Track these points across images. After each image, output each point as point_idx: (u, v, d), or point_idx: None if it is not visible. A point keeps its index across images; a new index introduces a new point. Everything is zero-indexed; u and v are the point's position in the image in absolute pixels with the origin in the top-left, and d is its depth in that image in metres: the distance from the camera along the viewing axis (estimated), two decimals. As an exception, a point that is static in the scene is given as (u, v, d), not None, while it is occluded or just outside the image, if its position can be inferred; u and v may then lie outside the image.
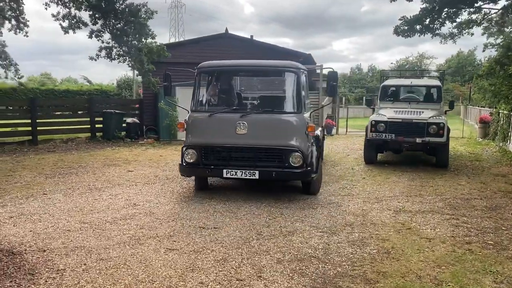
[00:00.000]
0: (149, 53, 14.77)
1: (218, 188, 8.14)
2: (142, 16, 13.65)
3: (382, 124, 10.50)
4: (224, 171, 6.92)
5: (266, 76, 8.87)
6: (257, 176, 6.86)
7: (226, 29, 17.43)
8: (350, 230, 5.73)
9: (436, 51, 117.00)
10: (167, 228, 5.72)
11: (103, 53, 14.83)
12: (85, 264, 4.50)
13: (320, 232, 5.63)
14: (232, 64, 8.08)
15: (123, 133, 15.82)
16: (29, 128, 13.67)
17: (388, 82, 12.35)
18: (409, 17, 12.91)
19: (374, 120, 10.62)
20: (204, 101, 7.81)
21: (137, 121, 16.25)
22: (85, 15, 14.22)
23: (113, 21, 13.80)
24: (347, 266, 4.53)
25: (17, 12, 16.83)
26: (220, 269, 4.40)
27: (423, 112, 10.70)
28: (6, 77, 20.60)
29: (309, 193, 7.58)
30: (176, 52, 16.40)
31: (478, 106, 27.38)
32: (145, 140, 15.51)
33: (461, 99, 39.86)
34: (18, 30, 17.32)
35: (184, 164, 7.24)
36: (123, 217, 6.22)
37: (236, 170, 6.88)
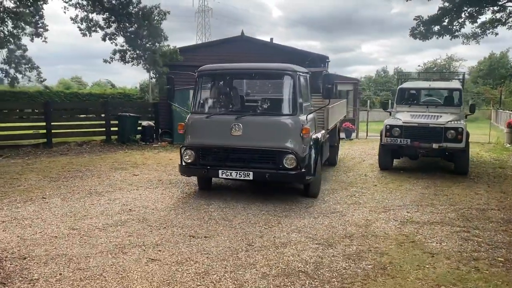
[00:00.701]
0: (162, 56, 14.72)
1: (222, 190, 7.88)
2: (155, 18, 13.58)
3: (397, 129, 10.02)
4: (220, 171, 7.08)
5: (263, 79, 8.85)
6: (251, 177, 6.95)
7: (242, 32, 17.23)
8: (349, 242, 5.37)
9: (469, 53, 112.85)
10: (156, 236, 5.50)
11: (117, 56, 14.87)
12: (60, 274, 4.32)
13: (316, 244, 5.29)
14: (229, 67, 8.04)
15: (138, 136, 15.78)
16: (44, 131, 13.78)
17: (406, 84, 11.83)
18: (426, 18, 12.27)
19: (388, 125, 10.16)
20: (203, 103, 7.84)
21: (152, 124, 16.20)
22: (100, 18, 14.29)
23: (126, 24, 13.80)
24: (336, 283, 4.18)
25: (37, 17, 17.17)
26: (199, 283, 4.13)
27: (441, 116, 10.16)
28: (30, 81, 21.12)
29: (308, 195, 7.56)
30: (190, 55, 16.32)
31: (509, 110, 26.25)
32: (159, 143, 15.44)
33: (492, 102, 38.44)
34: (36, 36, 17.73)
35: (183, 164, 7.43)
36: (115, 223, 6.04)
37: (231, 171, 7.02)
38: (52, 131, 13.88)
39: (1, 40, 18.27)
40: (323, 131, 8.88)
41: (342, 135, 18.87)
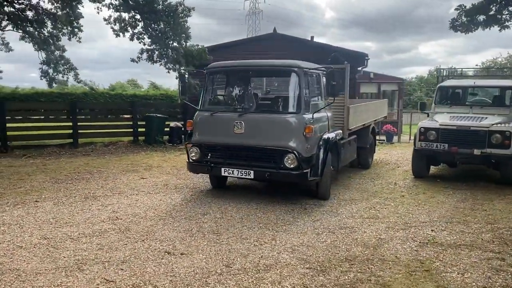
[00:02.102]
0: (190, 57, 14.26)
1: (229, 194, 7.21)
2: (180, 15, 13.10)
3: (433, 132, 8.84)
4: (222, 169, 7.03)
5: (268, 75, 8.55)
6: (252, 176, 6.85)
7: (274, 29, 16.50)
8: (347, 267, 4.46)
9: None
10: (128, 251, 4.87)
11: (145, 55, 14.58)
12: (-4, 295, 3.78)
13: (307, 268, 4.44)
14: (235, 64, 7.83)
15: (166, 137, 15.42)
16: (70, 131, 13.69)
17: (447, 83, 10.56)
18: (469, 6, 10.79)
19: (423, 127, 9.00)
20: (210, 101, 7.77)
21: (180, 125, 15.79)
22: (126, 17, 14.05)
23: (152, 22, 13.45)
24: (311, 325, 3.33)
25: (72, 17, 17.31)
26: (142, 316, 3.43)
27: (486, 118, 8.86)
28: (67, 81, 21.47)
29: (318, 197, 7.30)
30: (222, 54, 15.74)
31: None
32: (186, 144, 14.96)
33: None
34: (72, 36, 17.92)
35: (189, 161, 7.47)
36: (92, 233, 5.48)
37: (233, 169, 6.93)
38: (79, 131, 13.77)
39: (42, 41, 18.69)
40: (340, 131, 8.22)
41: (382, 137, 17.68)
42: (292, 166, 6.62)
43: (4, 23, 18.44)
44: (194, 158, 7.37)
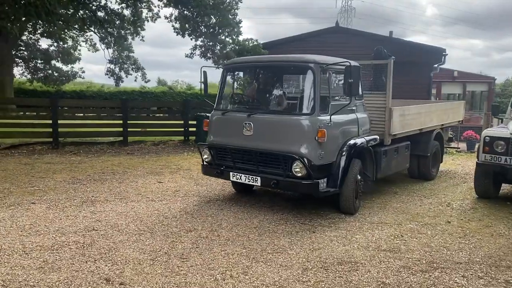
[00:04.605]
0: (244, 51, 13.54)
1: (245, 202, 6.33)
2: (227, 8, 12.41)
3: (501, 142, 7.06)
4: (231, 173, 6.56)
5: (283, 73, 7.36)
6: (259, 183, 6.31)
7: (337, 23, 15.12)
8: (310, 327, 3.30)
9: None
10: (68, 273, 4.19)
11: (198, 51, 14.14)
12: None
13: (256, 321, 3.36)
14: (249, 60, 7.59)
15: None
16: (121, 129, 13.66)
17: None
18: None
19: (488, 136, 7.25)
20: (224, 99, 7.26)
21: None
22: (176, 13, 13.71)
23: (200, 16, 12.93)
24: None
25: (135, 17, 17.52)
26: None
27: None
28: (135, 80, 21.97)
29: (340, 211, 6.46)
30: (278, 50, 14.78)
31: None
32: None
33: None
34: (135, 35, 18.17)
35: (203, 163, 7.11)
36: (51, 246, 4.91)
37: (241, 174, 6.43)
38: (128, 129, 13.69)
39: (115, 39, 19.31)
40: (376, 136, 7.09)
41: (461, 145, 15.42)
42: (300, 174, 5.87)
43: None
44: (206, 160, 7.00)
